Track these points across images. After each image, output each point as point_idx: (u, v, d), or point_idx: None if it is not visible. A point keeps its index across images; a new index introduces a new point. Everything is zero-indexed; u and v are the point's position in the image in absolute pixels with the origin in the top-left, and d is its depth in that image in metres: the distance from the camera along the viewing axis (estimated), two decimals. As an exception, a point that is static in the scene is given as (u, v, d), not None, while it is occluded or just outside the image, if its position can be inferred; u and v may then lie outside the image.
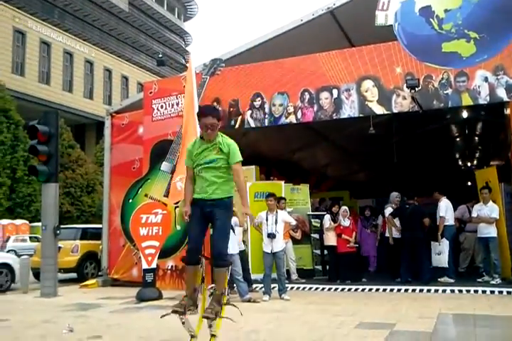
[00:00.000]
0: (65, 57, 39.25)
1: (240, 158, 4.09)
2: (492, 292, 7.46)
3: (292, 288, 8.20)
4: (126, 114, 10.32)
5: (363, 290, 8.05)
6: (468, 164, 20.18)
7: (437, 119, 13.96)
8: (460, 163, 20.79)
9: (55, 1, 42.94)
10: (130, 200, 9.10)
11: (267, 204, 7.50)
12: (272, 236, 7.19)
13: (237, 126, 8.88)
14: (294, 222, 7.68)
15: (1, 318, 6.13)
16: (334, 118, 8.59)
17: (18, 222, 22.70)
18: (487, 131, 15.57)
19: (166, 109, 9.36)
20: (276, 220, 7.28)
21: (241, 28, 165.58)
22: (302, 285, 8.54)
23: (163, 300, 7.41)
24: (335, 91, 8.53)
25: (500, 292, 7.42)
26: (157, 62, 10.35)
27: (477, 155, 19.68)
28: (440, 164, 17.84)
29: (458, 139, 18.22)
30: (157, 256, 7.66)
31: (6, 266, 9.76)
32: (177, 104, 9.16)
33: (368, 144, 14.01)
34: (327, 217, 9.13)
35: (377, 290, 7.99)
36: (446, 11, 7.77)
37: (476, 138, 17.79)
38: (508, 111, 8.88)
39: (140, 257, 7.93)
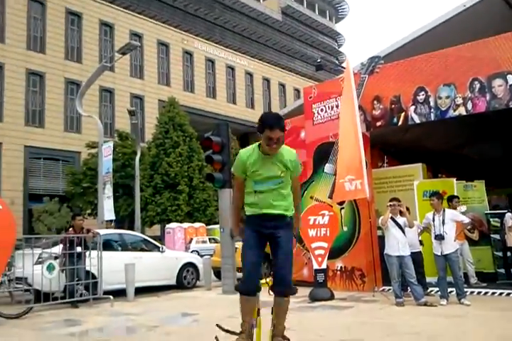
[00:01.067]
0: (228, 72, 42.18)
1: (300, 171, 3.81)
2: None
3: (472, 292, 7.61)
4: (288, 120, 10.66)
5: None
6: None
7: None
8: None
9: (216, 20, 46.35)
10: (297, 203, 9.35)
11: (430, 204, 7.10)
12: (439, 237, 6.78)
13: (400, 122, 8.57)
14: (466, 220, 7.13)
15: (192, 312, 6.87)
16: (511, 106, 7.81)
17: (197, 225, 24.80)
18: None
19: (326, 112, 9.46)
20: (443, 220, 6.85)
21: (393, 25, 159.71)
22: (483, 290, 7.87)
23: (335, 300, 7.48)
24: (510, 77, 7.75)
25: None
26: (316, 67, 10.55)
27: None
28: None
29: None
30: (327, 257, 7.77)
31: (192, 265, 10.83)
32: (337, 106, 9.19)
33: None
34: (508, 216, 8.31)
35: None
36: None
37: None
38: None
39: (310, 257, 8.10)
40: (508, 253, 8.64)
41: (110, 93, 34.09)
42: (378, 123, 8.85)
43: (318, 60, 12.20)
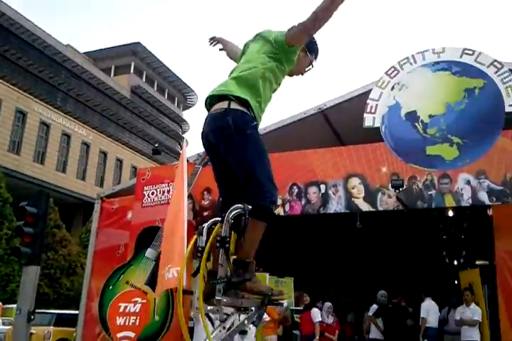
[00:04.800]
0: (63, 139, 40.28)
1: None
2: None
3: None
4: (116, 199, 10.41)
5: None
6: (455, 263, 20.04)
7: (424, 218, 14.16)
8: (447, 261, 20.66)
9: (59, 86, 45.06)
10: (110, 287, 8.83)
11: None
12: (243, 332, 6.94)
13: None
14: (267, 318, 7.45)
15: None
16: (321, 212, 8.73)
17: (-9, 302, 21.63)
18: (472, 230, 15.69)
19: (156, 195, 9.48)
20: None
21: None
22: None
23: None
24: (322, 187, 8.76)
25: None
26: (153, 151, 10.67)
27: (464, 254, 19.62)
28: (428, 263, 17.70)
29: (444, 237, 18.28)
30: (131, 348, 7.30)
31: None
32: (168, 192, 9.30)
33: (355, 241, 14.02)
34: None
35: None
36: (430, 116, 8.26)
37: (462, 236, 17.87)
38: (490, 213, 9.09)
39: (114, 349, 7.54)
40: None
41: None
42: (205, 213, 9.11)
43: (156, 145, 12.43)
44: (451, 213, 13.38)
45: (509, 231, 8.56)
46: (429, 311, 8.79)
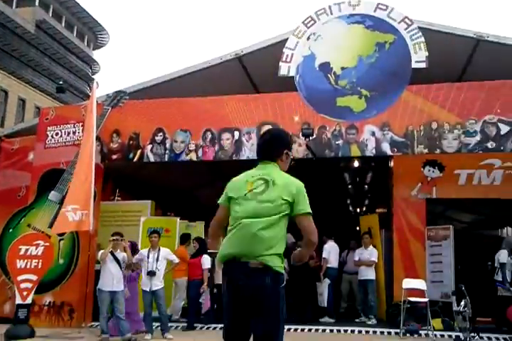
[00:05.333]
0: (-43, 74, 36.57)
1: None
2: (367, 332, 7.88)
3: (177, 327, 8.01)
4: (17, 139, 9.79)
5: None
6: (358, 210, 21.40)
7: (332, 166, 14.78)
8: (351, 208, 21.99)
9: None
10: (10, 230, 8.49)
11: (150, 240, 7.40)
12: (151, 273, 7.05)
13: (135, 159, 8.79)
14: (176, 260, 7.57)
15: None
16: (234, 159, 8.83)
17: None
18: (375, 180, 16.71)
19: (61, 136, 9.02)
20: (157, 257, 7.16)
21: (153, 61, 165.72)
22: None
23: (36, 338, 6.89)
24: (236, 133, 8.80)
25: (375, 332, 7.86)
26: (57, 89, 9.96)
27: (366, 202, 20.96)
28: (332, 209, 18.72)
29: (350, 186, 19.32)
30: (33, 291, 7.14)
31: None
32: (73, 133, 8.89)
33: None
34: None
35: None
36: (342, 68, 8.45)
37: (366, 186, 18.99)
38: (391, 164, 9.68)
39: (15, 291, 7.33)
40: (215, 290, 9.40)
41: None
42: (114, 156, 8.87)
43: (60, 82, 11.58)
44: (356, 164, 14.09)
45: (406, 180, 9.23)
46: (331, 252, 9.35)
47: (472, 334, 6.77)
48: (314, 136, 8.45)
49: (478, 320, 8.04)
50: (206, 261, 8.06)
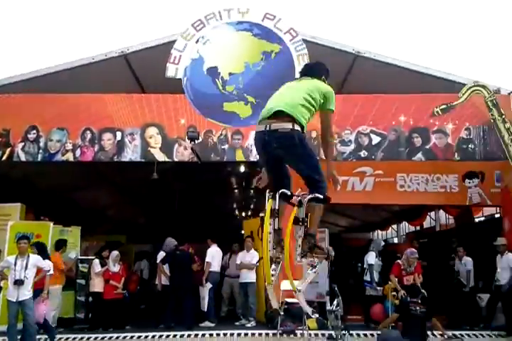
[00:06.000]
0: None
1: None
2: (246, 334, 7.97)
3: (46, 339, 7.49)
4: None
5: (125, 337, 7.77)
6: (243, 214, 21.75)
7: (218, 171, 14.87)
8: (237, 213, 22.28)
9: None
10: None
11: (18, 247, 6.84)
12: (19, 282, 6.54)
13: (4, 157, 8.10)
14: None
15: None
16: (115, 160, 8.52)
17: None
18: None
19: None
20: (26, 265, 6.67)
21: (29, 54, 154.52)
22: (62, 336, 7.80)
23: None
24: (119, 134, 8.51)
25: (253, 334, 7.98)
26: None
27: (252, 206, 21.37)
28: (218, 213, 18.84)
29: (236, 191, 19.58)
30: None
31: None
32: None
33: (151, 189, 14.08)
34: (96, 262, 8.75)
35: (140, 337, 7.81)
36: (230, 74, 8.53)
37: (252, 191, 19.36)
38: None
39: None
40: (90, 299, 8.98)
41: None
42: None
43: None
44: (243, 168, 14.30)
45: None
46: (214, 256, 9.37)
47: (343, 332, 7.15)
48: (200, 140, 8.44)
49: (348, 318, 8.56)
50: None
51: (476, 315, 8.92)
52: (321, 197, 3.44)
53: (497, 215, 10.81)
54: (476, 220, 12.67)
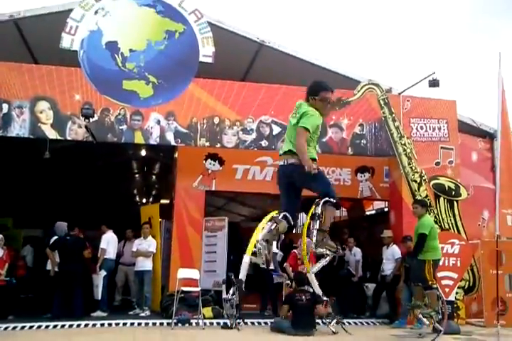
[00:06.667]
0: None
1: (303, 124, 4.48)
2: (139, 324, 7.71)
3: None
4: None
5: (6, 328, 7.12)
6: (144, 200, 21.18)
7: (119, 154, 14.27)
8: (137, 198, 21.64)
9: None
10: None
11: None
12: None
13: None
14: None
15: None
16: (0, 135, 7.82)
17: None
18: (162, 171, 16.71)
19: None
20: None
21: None
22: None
23: None
24: (5, 106, 7.82)
25: (147, 324, 7.73)
26: None
27: (153, 192, 20.84)
28: (116, 198, 18.12)
29: (137, 176, 18.96)
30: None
31: None
32: None
33: (43, 170, 13.15)
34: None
35: (23, 328, 7.21)
36: (131, 50, 8.02)
37: (154, 176, 18.87)
38: (176, 155, 9.72)
39: None
40: None
41: None
42: None
43: None
44: (144, 152, 13.83)
45: (189, 172, 9.36)
46: (109, 242, 8.96)
47: (238, 320, 7.11)
48: (96, 118, 7.96)
49: (244, 307, 8.57)
50: None
51: (363, 303, 9.37)
52: (333, 200, 4.57)
53: (386, 209, 11.40)
54: (367, 213, 13.32)
